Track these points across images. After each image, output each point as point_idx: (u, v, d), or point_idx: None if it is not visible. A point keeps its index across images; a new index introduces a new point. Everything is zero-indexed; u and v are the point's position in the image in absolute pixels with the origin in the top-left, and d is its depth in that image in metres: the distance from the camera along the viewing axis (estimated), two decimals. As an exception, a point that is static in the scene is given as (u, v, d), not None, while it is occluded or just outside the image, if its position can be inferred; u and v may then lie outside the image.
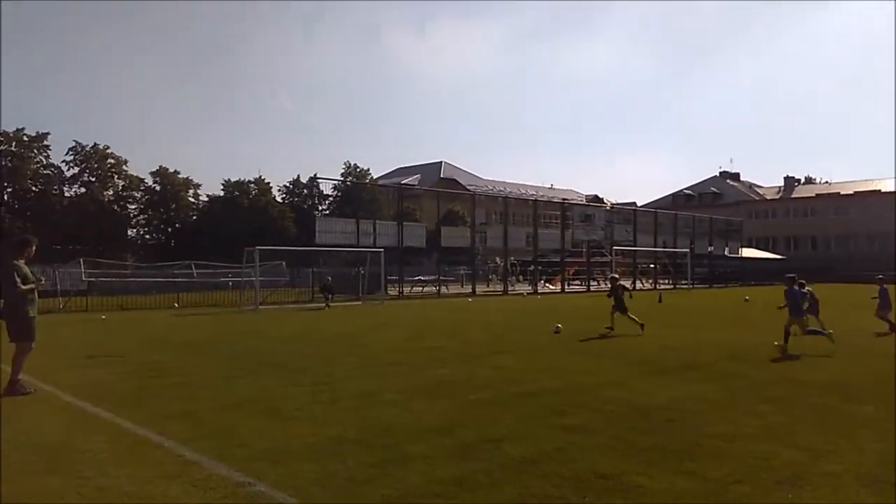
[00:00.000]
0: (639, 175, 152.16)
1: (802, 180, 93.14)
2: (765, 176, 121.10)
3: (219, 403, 7.75)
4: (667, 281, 52.18)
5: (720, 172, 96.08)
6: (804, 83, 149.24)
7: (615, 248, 47.09)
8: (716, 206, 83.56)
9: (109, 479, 4.98)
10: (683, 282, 50.46)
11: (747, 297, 31.89)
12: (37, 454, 5.65)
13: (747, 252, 64.92)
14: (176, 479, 4.94)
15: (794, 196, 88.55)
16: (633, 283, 49.58)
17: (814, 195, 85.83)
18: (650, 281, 51.45)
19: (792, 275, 13.17)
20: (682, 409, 7.39)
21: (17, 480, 4.96)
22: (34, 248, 8.83)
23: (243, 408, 7.50)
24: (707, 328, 17.80)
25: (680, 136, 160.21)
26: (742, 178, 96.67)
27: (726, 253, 59.96)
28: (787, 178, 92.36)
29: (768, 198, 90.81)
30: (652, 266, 54.03)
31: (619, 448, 5.79)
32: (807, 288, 14.01)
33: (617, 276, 20.04)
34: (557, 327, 16.07)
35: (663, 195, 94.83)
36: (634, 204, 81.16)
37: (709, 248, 57.46)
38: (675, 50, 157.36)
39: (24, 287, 8.36)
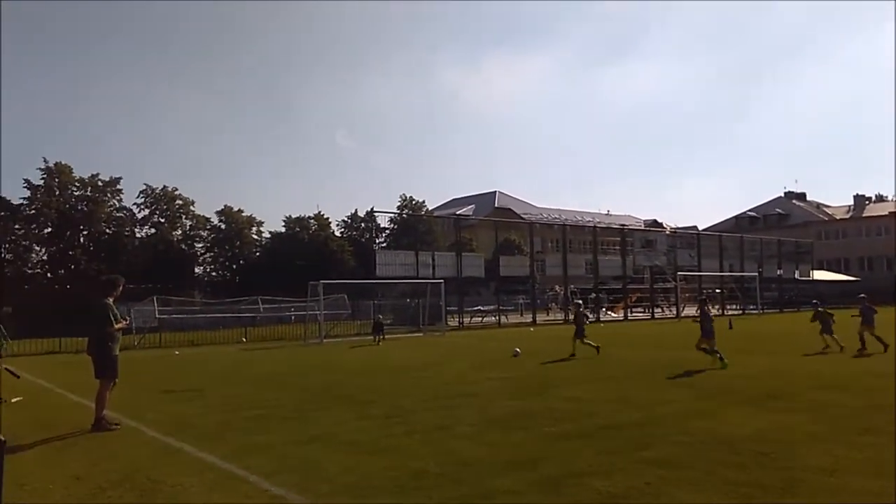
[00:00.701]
0: (697, 198, 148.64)
1: (873, 198, 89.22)
2: (833, 195, 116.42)
3: (297, 437, 7.82)
4: (734, 306, 50.49)
5: (785, 193, 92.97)
6: (870, 97, 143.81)
7: (679, 273, 45.95)
8: (782, 227, 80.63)
9: (201, 514, 5.06)
10: (752, 307, 48.73)
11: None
12: (131, 489, 5.79)
13: (819, 275, 62.31)
14: (265, 514, 4.97)
15: (865, 215, 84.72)
16: (699, 309, 48.12)
17: (887, 213, 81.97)
18: (717, 307, 49.89)
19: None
20: (773, 441, 7.04)
21: (115, 515, 5.09)
22: (121, 287, 9.21)
23: (321, 441, 7.55)
24: (785, 354, 17.05)
25: (740, 156, 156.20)
26: (809, 198, 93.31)
27: (796, 276, 57.68)
28: (856, 197, 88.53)
29: (838, 217, 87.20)
30: (718, 291, 52.46)
31: (712, 483, 5.54)
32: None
33: (580, 302, 20.74)
34: (516, 351, 16.88)
35: (725, 218, 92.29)
36: (696, 228, 79.25)
37: (778, 272, 55.39)
38: (733, 68, 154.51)
39: (116, 326, 8.71)
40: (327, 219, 65.85)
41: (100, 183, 55.21)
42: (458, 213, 66.29)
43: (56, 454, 7.32)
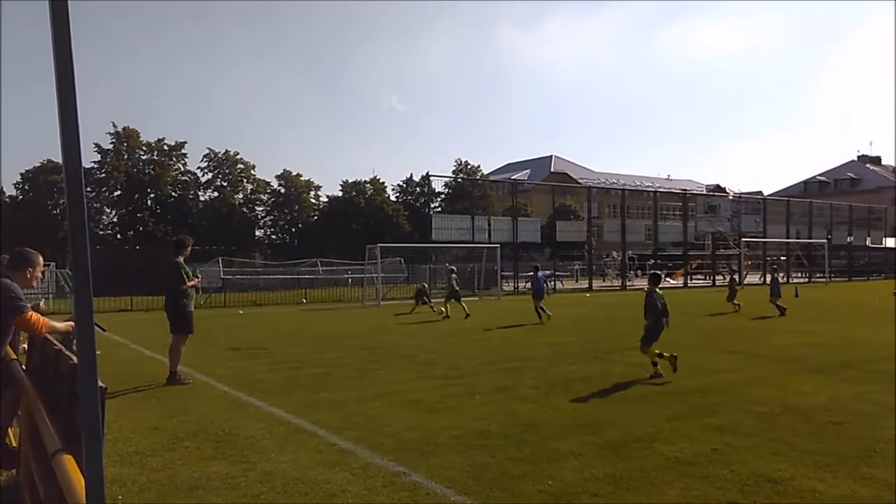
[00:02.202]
0: (764, 162, 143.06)
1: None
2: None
3: (361, 394, 8.02)
4: (800, 274, 48.73)
5: (858, 156, 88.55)
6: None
7: (743, 240, 44.56)
8: (854, 192, 76.99)
9: (274, 465, 5.25)
10: (819, 275, 46.98)
11: (897, 291, 29.18)
12: (206, 440, 6.06)
13: (892, 242, 59.41)
14: (335, 467, 5.13)
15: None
16: (763, 276, 46.83)
17: (969, 177, 77.20)
18: (782, 274, 48.31)
19: None
20: (845, 410, 6.84)
21: (193, 464, 5.33)
22: (190, 247, 9.53)
23: (384, 398, 7.71)
24: (856, 323, 16.42)
25: (810, 118, 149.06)
26: (884, 162, 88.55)
27: (868, 243, 55.14)
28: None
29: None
30: (784, 258, 50.71)
31: (782, 451, 5.42)
32: None
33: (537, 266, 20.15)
34: None
35: (793, 183, 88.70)
36: (761, 193, 76.43)
37: (848, 239, 53.04)
38: (804, 25, 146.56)
39: (189, 284, 9.05)
40: (383, 183, 66.30)
41: (166, 147, 56.83)
42: (513, 177, 65.71)
43: (134, 405, 7.71)
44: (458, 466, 5.09)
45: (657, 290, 9.79)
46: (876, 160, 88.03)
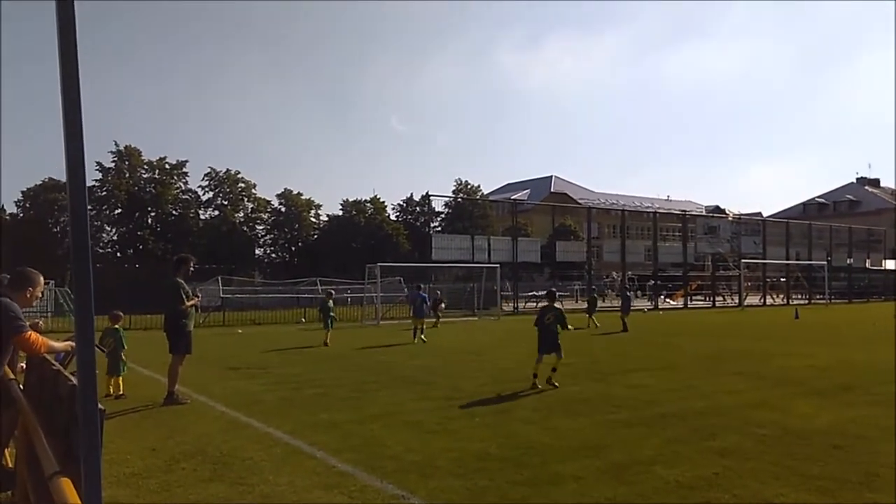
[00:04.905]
0: (763, 184, 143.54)
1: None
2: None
3: (360, 415, 7.97)
4: (800, 296, 48.70)
5: (857, 178, 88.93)
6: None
7: (743, 260, 44.58)
8: (853, 214, 77.14)
9: (271, 487, 5.21)
10: (819, 297, 46.92)
11: (897, 314, 29.20)
12: (204, 462, 6.01)
13: (892, 264, 59.44)
14: (334, 490, 5.09)
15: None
16: (763, 297, 46.87)
17: (968, 200, 77.42)
18: (781, 296, 48.29)
19: None
20: (847, 434, 6.79)
21: (190, 487, 5.28)
22: (190, 266, 9.53)
23: (384, 420, 7.67)
24: (856, 346, 16.36)
25: (809, 140, 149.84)
26: (883, 185, 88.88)
27: (867, 265, 55.16)
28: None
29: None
30: (784, 280, 50.69)
31: (783, 476, 5.38)
32: None
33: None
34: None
35: (792, 204, 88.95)
36: (760, 214, 76.61)
37: (848, 261, 53.06)
38: (801, 49, 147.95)
39: (187, 303, 9.04)
40: (383, 202, 66.53)
41: (167, 166, 57.10)
42: (513, 197, 65.91)
43: (132, 426, 7.66)
44: (457, 490, 5.05)
45: (555, 305, 10.79)
46: (875, 182, 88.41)
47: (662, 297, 44.66)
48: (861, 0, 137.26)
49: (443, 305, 26.76)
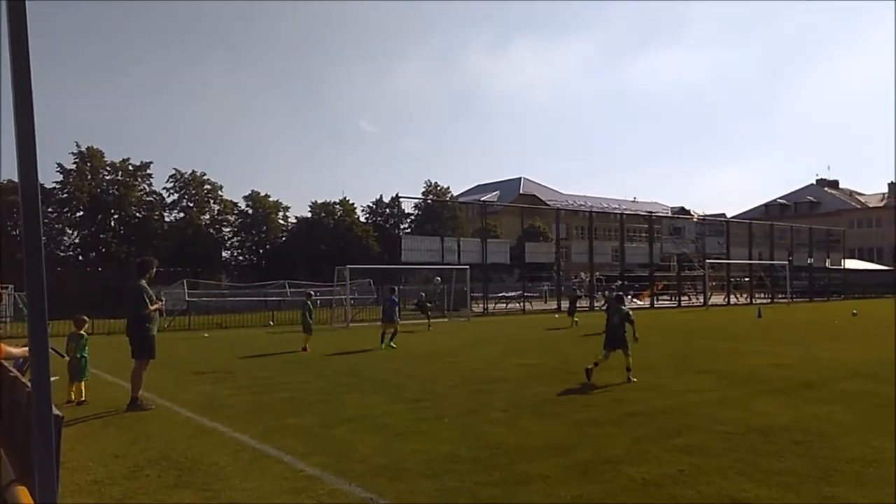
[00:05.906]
0: (727, 186, 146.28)
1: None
2: (866, 183, 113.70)
3: (329, 419, 7.91)
4: (763, 295, 49.75)
5: (817, 180, 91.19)
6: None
7: (707, 261, 45.41)
8: (813, 215, 79.10)
9: (238, 493, 5.14)
10: (781, 296, 48.02)
11: (855, 311, 30.02)
12: (169, 468, 5.91)
13: (851, 263, 61.11)
14: (301, 494, 5.04)
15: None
16: (727, 297, 47.79)
17: (923, 201, 79.93)
18: (745, 295, 49.27)
19: None
20: (808, 430, 6.96)
21: (154, 494, 5.19)
22: (154, 269, 9.35)
23: (353, 423, 7.62)
24: (816, 344, 16.76)
25: (770, 144, 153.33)
26: (841, 186, 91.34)
27: (827, 265, 56.60)
28: (891, 185, 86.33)
29: (871, 205, 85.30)
30: (747, 279, 51.74)
31: (747, 472, 5.49)
32: None
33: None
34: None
35: (755, 206, 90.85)
36: (724, 215, 78.11)
37: (808, 261, 54.37)
38: (762, 54, 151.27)
39: (150, 308, 8.86)
40: (352, 204, 66.04)
41: (130, 167, 55.88)
42: (482, 199, 66.14)
43: (94, 433, 7.49)
44: (427, 491, 5.04)
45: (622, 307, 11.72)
46: (834, 184, 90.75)
47: (629, 297, 45.24)
48: (820, 1, 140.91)
49: (430, 305, 26.66)
